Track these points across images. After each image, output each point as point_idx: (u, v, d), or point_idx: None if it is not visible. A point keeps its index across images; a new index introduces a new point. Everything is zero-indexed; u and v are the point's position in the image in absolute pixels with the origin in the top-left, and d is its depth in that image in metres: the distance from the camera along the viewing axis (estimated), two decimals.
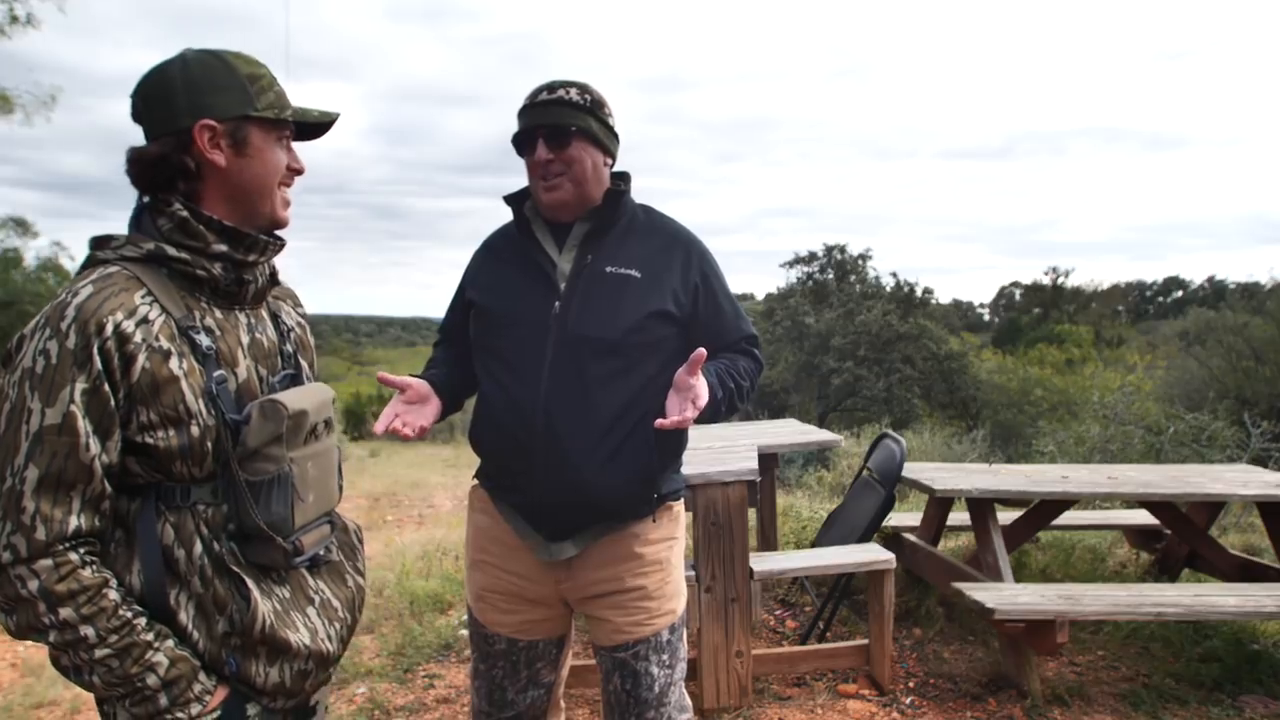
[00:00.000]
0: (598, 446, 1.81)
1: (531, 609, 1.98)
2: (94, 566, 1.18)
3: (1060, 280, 46.17)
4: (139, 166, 1.27)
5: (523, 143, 1.87)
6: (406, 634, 3.93)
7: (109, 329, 1.16)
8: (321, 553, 1.41)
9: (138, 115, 1.29)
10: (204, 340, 1.25)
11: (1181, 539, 4.34)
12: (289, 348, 1.43)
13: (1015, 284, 56.02)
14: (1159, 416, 10.26)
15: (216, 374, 1.26)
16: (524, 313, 1.85)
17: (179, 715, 1.21)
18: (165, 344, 1.21)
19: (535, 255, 1.88)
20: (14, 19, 11.02)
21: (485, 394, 1.92)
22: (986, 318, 62.98)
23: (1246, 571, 4.07)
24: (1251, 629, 3.81)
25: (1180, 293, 62.92)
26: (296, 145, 1.39)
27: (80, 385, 1.14)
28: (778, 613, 4.22)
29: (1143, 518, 4.54)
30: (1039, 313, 44.98)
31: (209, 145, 1.27)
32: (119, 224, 1.31)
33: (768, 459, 4.18)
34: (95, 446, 1.16)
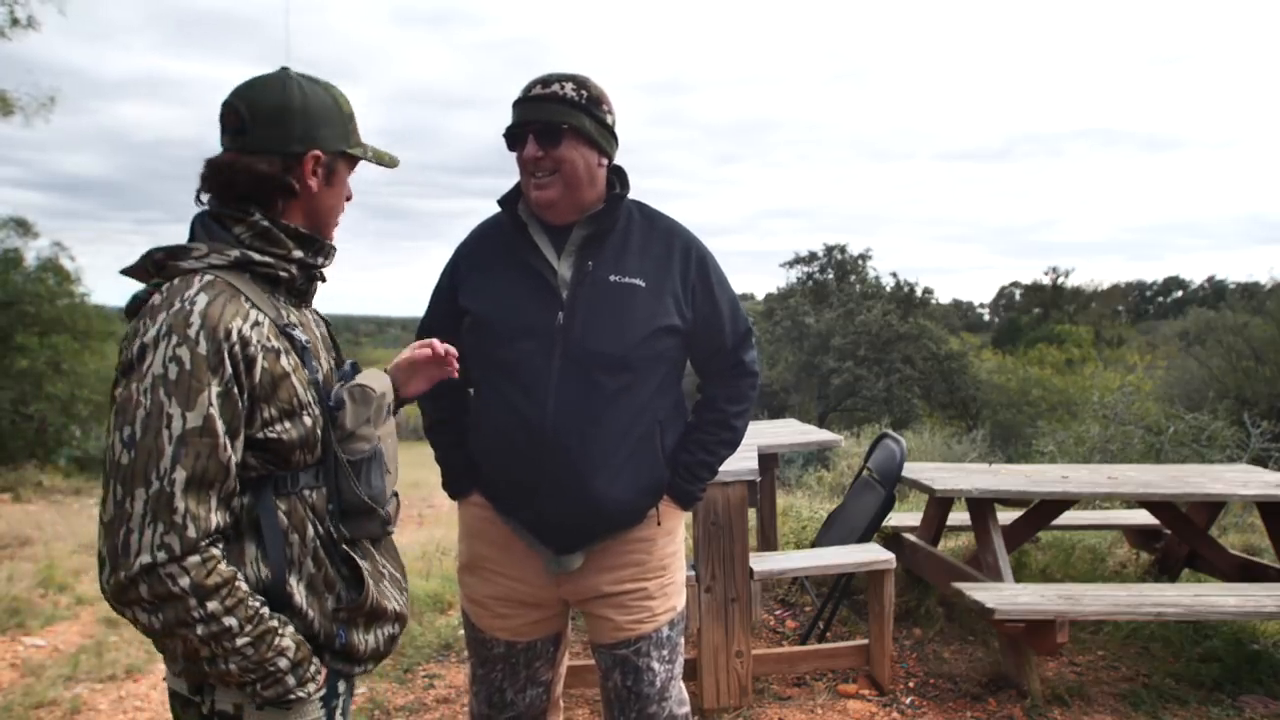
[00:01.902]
0: (608, 461, 1.79)
1: (530, 611, 1.97)
2: (226, 560, 1.23)
3: (1060, 280, 46.20)
4: (241, 177, 1.34)
5: (514, 138, 1.80)
6: (406, 634, 3.92)
7: (234, 334, 1.23)
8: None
9: (238, 125, 1.35)
10: (301, 336, 1.35)
11: (1181, 539, 4.33)
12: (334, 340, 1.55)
13: (1015, 284, 56.05)
14: (1159, 416, 10.28)
15: (313, 365, 1.36)
16: (526, 324, 1.79)
17: (301, 694, 1.29)
18: (275, 343, 1.30)
19: (533, 261, 1.82)
20: (14, 21, 11.00)
21: (488, 408, 1.87)
22: (986, 318, 62.99)
23: (1246, 571, 4.07)
24: (1251, 629, 3.81)
25: (1180, 293, 62.91)
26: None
27: (215, 389, 1.20)
28: (778, 613, 4.22)
29: (1143, 518, 4.54)
30: (1039, 313, 44.99)
31: (310, 172, 1.38)
32: (121, 224, 1.36)
33: (768, 459, 4.18)
34: (230, 446, 1.22)
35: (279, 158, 1.36)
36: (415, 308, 1.90)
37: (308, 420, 1.32)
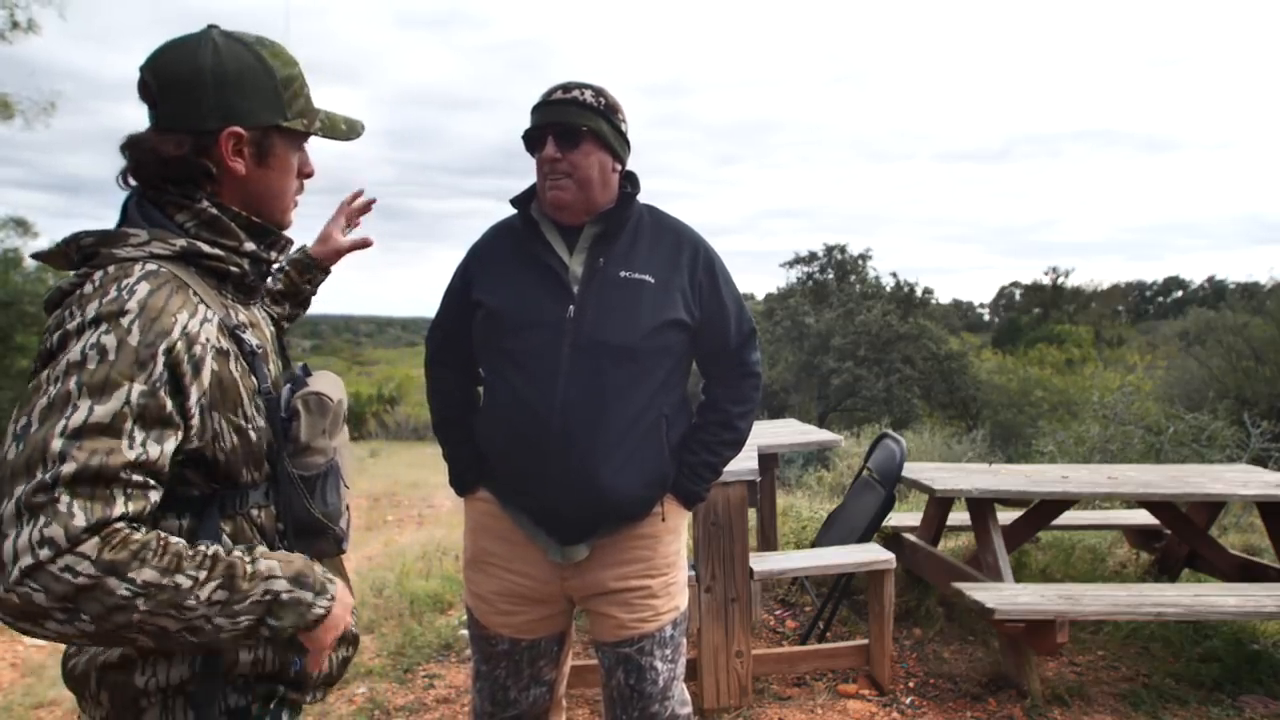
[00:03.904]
0: (614, 451, 1.81)
1: (534, 608, 1.97)
2: (145, 529, 1.00)
3: (1060, 280, 46.22)
4: (151, 161, 1.16)
5: (533, 140, 1.86)
6: (406, 634, 3.93)
7: (176, 331, 1.05)
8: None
9: (150, 96, 1.17)
10: (251, 340, 1.19)
11: (1181, 539, 4.33)
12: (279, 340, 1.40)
13: (1015, 284, 56.08)
14: (1159, 416, 10.27)
15: (263, 372, 1.20)
16: (537, 315, 1.83)
17: (324, 604, 1.11)
18: (225, 344, 1.14)
19: (545, 257, 1.86)
20: (14, 24, 11.02)
21: (497, 396, 1.90)
22: (986, 318, 63.00)
23: (1246, 571, 4.07)
24: (1251, 629, 3.81)
25: (1180, 293, 62.92)
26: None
27: (138, 387, 1.00)
28: (778, 613, 4.22)
29: (1143, 518, 4.54)
30: (1039, 313, 45.00)
31: (231, 153, 1.17)
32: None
33: (768, 459, 4.18)
34: (137, 452, 1.00)
35: (190, 136, 1.15)
36: (416, 308, 1.93)
37: (253, 435, 1.17)
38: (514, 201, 1.95)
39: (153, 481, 1.02)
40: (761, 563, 3.35)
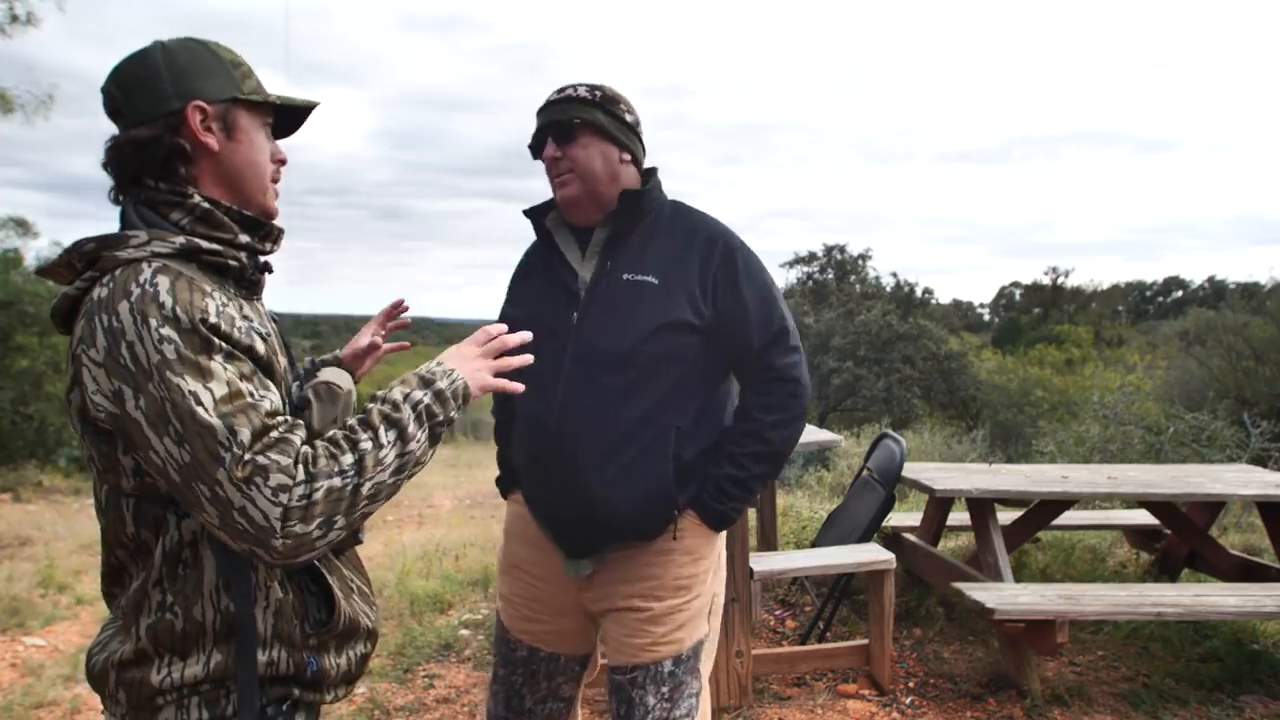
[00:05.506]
0: (609, 463, 1.74)
1: (556, 619, 1.94)
2: (317, 442, 1.10)
3: (1060, 280, 46.23)
4: (127, 151, 1.19)
5: (536, 145, 1.84)
6: (406, 634, 3.93)
7: (210, 317, 1.09)
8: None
9: (115, 106, 1.21)
10: (260, 329, 1.20)
11: (1181, 539, 4.34)
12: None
13: (1015, 284, 56.03)
14: (1159, 416, 10.26)
15: (293, 356, 1.26)
16: (545, 324, 1.76)
17: (452, 376, 1.24)
18: (264, 327, 1.18)
19: (557, 266, 1.85)
20: (14, 18, 10.98)
21: (515, 406, 1.94)
22: (986, 318, 62.95)
23: (1246, 571, 4.07)
24: (1251, 629, 3.81)
25: (1180, 293, 62.86)
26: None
27: (219, 356, 1.07)
28: (778, 613, 4.22)
29: (1143, 518, 4.54)
30: (1039, 313, 45.02)
31: (201, 127, 1.20)
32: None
33: None
34: (268, 394, 1.10)
35: (160, 120, 1.19)
36: (416, 308, 1.89)
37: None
38: (527, 212, 1.92)
39: (288, 417, 1.12)
40: (761, 563, 3.35)
